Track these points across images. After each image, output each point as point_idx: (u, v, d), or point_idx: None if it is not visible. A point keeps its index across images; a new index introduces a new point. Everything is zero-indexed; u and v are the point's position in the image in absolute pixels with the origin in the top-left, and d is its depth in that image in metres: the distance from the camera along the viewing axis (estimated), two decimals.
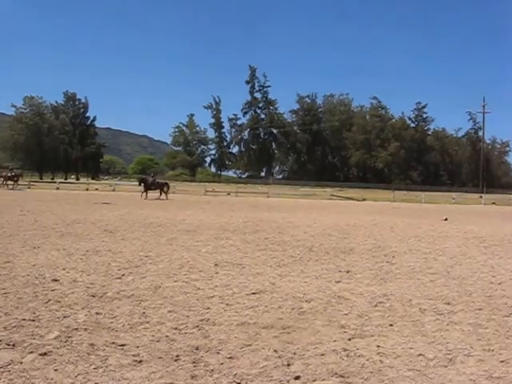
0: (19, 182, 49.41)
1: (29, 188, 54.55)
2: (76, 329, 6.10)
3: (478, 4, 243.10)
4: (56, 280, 8.72)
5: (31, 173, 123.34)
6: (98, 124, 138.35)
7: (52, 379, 4.66)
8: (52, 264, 10.20)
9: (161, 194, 41.07)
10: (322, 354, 5.59)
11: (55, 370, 4.87)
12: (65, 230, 16.08)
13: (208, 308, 7.28)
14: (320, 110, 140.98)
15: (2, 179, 50.61)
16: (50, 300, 7.38)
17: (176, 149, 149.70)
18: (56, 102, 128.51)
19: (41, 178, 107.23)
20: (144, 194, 40.29)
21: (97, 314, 6.76)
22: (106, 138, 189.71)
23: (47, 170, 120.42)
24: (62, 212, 23.22)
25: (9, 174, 50.93)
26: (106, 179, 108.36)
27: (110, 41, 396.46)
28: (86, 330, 6.08)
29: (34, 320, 6.38)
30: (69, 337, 5.81)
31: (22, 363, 5.02)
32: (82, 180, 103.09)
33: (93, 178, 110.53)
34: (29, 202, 30.20)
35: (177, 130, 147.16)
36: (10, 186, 50.14)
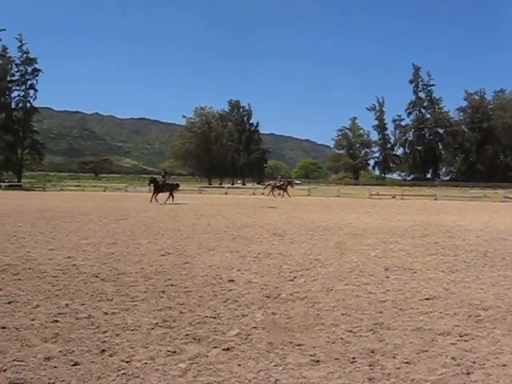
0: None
1: (199, 193, 57.86)
2: (254, 327, 6.37)
3: None
4: (232, 280, 9.17)
5: (200, 179, 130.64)
6: (261, 130, 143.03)
7: (236, 373, 4.93)
8: (227, 265, 10.75)
9: (169, 196, 36.52)
10: (504, 365, 5.29)
11: (238, 365, 5.14)
12: (236, 233, 16.83)
13: (381, 312, 7.22)
14: (490, 106, 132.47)
15: (271, 188, 52.52)
16: (228, 299, 7.79)
17: (339, 152, 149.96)
18: (222, 109, 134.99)
19: (209, 184, 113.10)
20: (154, 196, 36.21)
21: (273, 314, 7.00)
22: (269, 143, 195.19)
23: (215, 175, 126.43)
24: (232, 216, 24.33)
25: (278, 183, 52.99)
26: None
27: (279, 46, 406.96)
28: (263, 328, 6.33)
29: (215, 317, 6.78)
30: (248, 334, 6.09)
31: (207, 356, 5.37)
32: (248, 185, 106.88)
33: (258, 183, 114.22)
34: (201, 207, 32.02)
35: (340, 133, 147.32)
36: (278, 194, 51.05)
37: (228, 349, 5.60)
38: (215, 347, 5.66)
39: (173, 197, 36.32)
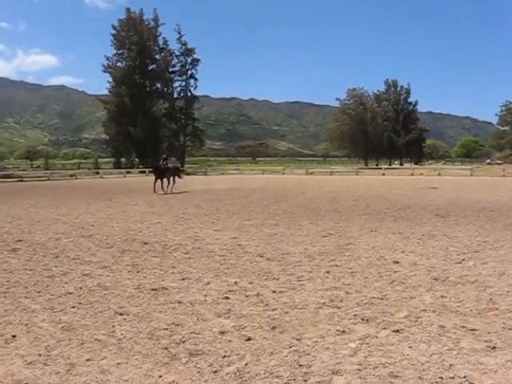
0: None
1: (356, 174, 57.40)
2: (424, 310, 6.20)
3: None
4: (397, 262, 9.00)
5: (356, 160, 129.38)
6: (419, 109, 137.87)
7: (408, 355, 4.83)
8: (390, 247, 10.57)
9: (170, 180, 30.47)
10: None
11: (410, 347, 5.03)
12: (397, 214, 16.47)
13: None
14: None
15: None
16: (394, 281, 7.66)
17: (503, 129, 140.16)
18: (378, 90, 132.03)
19: (366, 165, 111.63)
20: (157, 184, 29.88)
21: (442, 297, 6.76)
22: (427, 122, 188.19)
23: (371, 156, 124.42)
24: (392, 197, 23.84)
25: None
26: (430, 164, 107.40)
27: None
28: (433, 311, 6.14)
29: (382, 299, 6.70)
30: (418, 317, 5.94)
31: (377, 337, 5.32)
32: (406, 165, 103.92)
33: (416, 163, 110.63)
34: (358, 188, 31.74)
35: (504, 108, 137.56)
36: None
37: (398, 330, 5.50)
38: (384, 328, 5.60)
39: (174, 181, 30.62)
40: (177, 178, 31.32)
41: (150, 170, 32.94)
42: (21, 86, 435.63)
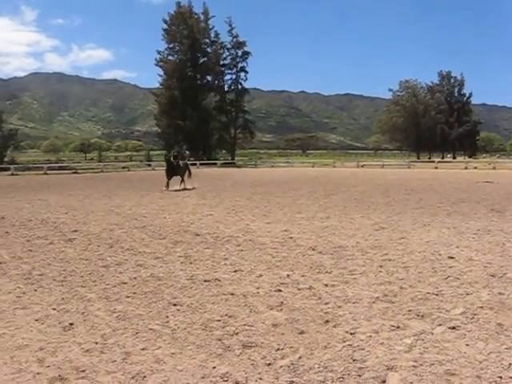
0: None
1: (408, 167, 56.50)
2: (481, 307, 6.05)
3: None
4: (452, 257, 8.80)
5: (408, 153, 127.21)
6: (473, 100, 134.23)
7: (465, 353, 4.72)
8: (445, 241, 10.34)
9: (181, 181, 27.29)
10: None
11: (466, 345, 4.92)
12: (451, 208, 16.12)
13: None
14: None
15: None
16: (449, 276, 7.50)
17: None
18: (431, 82, 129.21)
19: (418, 158, 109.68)
20: (167, 184, 26.10)
21: (499, 294, 6.58)
22: (481, 114, 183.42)
23: (424, 149, 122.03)
24: (445, 191, 23.35)
25: None
26: (484, 157, 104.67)
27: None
28: (491, 309, 5.98)
29: (437, 294, 6.57)
30: (474, 314, 5.80)
31: (432, 334, 5.22)
32: (459, 159, 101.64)
33: (469, 157, 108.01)
34: (411, 182, 31.23)
35: None
36: None
37: (454, 327, 5.39)
38: (440, 325, 5.49)
39: (183, 180, 27.28)
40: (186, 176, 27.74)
41: (165, 163, 27.32)
42: (75, 80, 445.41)
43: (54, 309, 6.30)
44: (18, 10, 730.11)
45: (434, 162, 68.62)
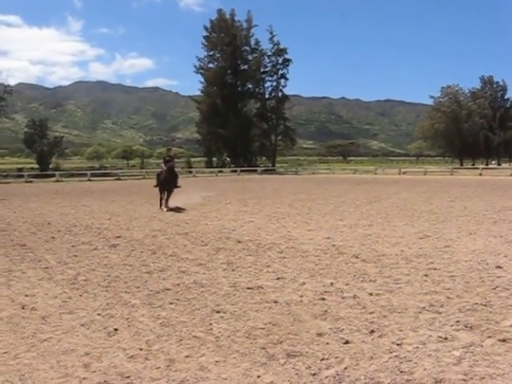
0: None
1: (451, 174, 55.48)
2: None
3: None
4: (500, 267, 8.57)
5: (451, 160, 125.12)
6: None
7: None
8: (492, 250, 10.08)
9: (168, 198, 19.88)
10: None
11: None
12: (497, 216, 15.73)
13: None
14: None
15: None
16: (497, 286, 7.30)
17: None
18: (473, 88, 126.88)
19: (461, 165, 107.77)
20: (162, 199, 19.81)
21: None
22: None
23: (467, 156, 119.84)
24: (490, 198, 22.81)
25: None
26: None
27: None
28: None
29: (485, 305, 6.39)
30: None
31: (482, 346, 5.08)
32: (504, 165, 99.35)
33: None
34: (453, 189, 30.64)
35: None
36: None
37: (504, 340, 5.23)
38: (489, 337, 5.34)
39: (169, 197, 19.98)
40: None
41: (158, 175, 20.72)
42: (118, 88, 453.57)
43: (99, 314, 6.38)
44: (65, 21, 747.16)
45: (478, 168, 67.18)
